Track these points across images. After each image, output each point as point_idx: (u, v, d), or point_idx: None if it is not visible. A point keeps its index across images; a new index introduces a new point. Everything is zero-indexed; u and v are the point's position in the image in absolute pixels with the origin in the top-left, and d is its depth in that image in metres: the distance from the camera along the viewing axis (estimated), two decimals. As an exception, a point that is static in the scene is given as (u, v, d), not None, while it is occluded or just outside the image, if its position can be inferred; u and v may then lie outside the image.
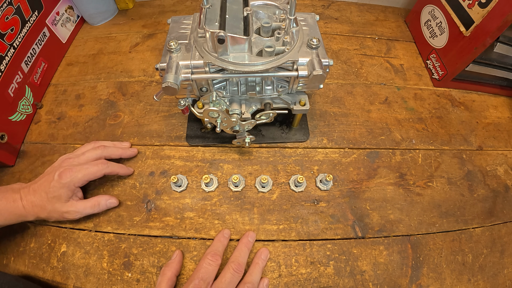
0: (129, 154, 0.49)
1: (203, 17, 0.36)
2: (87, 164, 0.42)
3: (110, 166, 0.44)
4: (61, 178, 0.40)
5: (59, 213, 0.40)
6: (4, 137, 0.47)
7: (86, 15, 0.70)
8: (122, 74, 0.61)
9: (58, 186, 0.39)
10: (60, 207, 0.40)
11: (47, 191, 0.39)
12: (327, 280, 0.40)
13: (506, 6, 0.45)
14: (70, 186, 0.40)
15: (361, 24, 0.72)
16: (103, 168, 0.43)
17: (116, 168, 0.45)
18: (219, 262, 0.37)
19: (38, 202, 0.39)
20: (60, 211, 0.40)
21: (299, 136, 0.52)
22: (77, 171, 0.41)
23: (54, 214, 0.40)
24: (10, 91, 0.50)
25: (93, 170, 0.42)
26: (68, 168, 0.40)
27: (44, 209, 0.39)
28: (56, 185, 0.39)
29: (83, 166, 0.41)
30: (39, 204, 0.39)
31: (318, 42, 0.39)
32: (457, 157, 0.52)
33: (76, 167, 0.41)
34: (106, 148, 0.45)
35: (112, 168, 0.44)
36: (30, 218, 0.39)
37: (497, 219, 0.46)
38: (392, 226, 0.44)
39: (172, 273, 0.37)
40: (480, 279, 0.41)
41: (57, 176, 0.40)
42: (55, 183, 0.39)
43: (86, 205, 0.42)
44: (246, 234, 0.42)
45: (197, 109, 0.42)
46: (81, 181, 0.41)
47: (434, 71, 0.61)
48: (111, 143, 0.49)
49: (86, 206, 0.41)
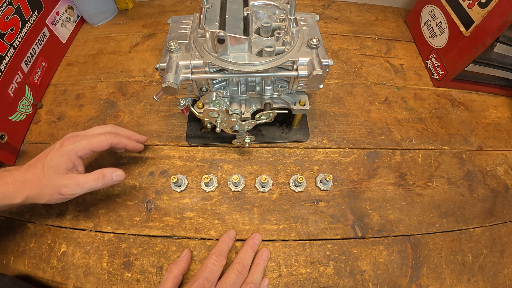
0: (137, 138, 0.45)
1: (203, 17, 0.36)
2: (93, 134, 0.39)
3: (117, 137, 0.40)
4: (63, 145, 0.36)
5: (55, 187, 0.35)
6: (4, 137, 0.47)
7: (86, 15, 0.70)
8: (122, 74, 0.61)
9: (58, 154, 0.35)
10: (57, 179, 0.35)
11: (44, 161, 0.35)
12: (327, 280, 0.40)
13: (506, 6, 0.45)
14: (71, 154, 0.36)
15: (361, 24, 0.72)
16: (110, 137, 0.39)
17: (124, 140, 0.41)
18: (223, 263, 0.37)
19: (31, 176, 0.34)
20: (57, 184, 0.35)
21: (299, 136, 0.52)
22: (81, 139, 0.37)
23: (48, 189, 0.35)
24: (10, 91, 0.50)
25: (98, 138, 0.38)
26: (73, 137, 0.37)
27: (37, 183, 0.34)
28: (56, 153, 0.35)
29: (88, 135, 0.38)
30: (31, 179, 0.34)
31: (318, 42, 0.39)
32: (457, 157, 0.52)
33: (81, 136, 0.38)
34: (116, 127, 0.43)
35: (120, 139, 0.40)
36: (18, 198, 0.34)
37: (497, 219, 0.46)
38: (392, 226, 0.44)
39: (179, 271, 0.37)
40: (480, 279, 0.41)
41: (58, 144, 0.36)
42: (54, 152, 0.35)
43: (88, 177, 0.37)
44: (252, 236, 0.41)
45: (197, 109, 0.42)
46: (84, 149, 0.37)
47: (434, 71, 0.61)
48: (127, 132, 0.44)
49: (88, 179, 0.36)
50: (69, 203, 0.45)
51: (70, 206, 0.45)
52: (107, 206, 0.45)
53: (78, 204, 0.45)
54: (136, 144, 0.43)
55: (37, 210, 0.45)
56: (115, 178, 0.38)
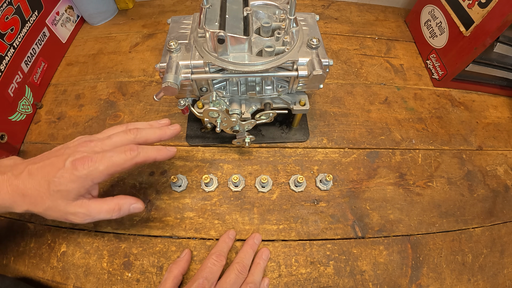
0: (169, 135, 0.36)
1: (203, 17, 0.36)
2: (112, 151, 0.31)
3: (142, 153, 0.32)
4: (76, 168, 0.29)
5: (61, 213, 0.30)
6: (4, 137, 0.47)
7: (86, 15, 0.70)
8: (122, 74, 0.61)
9: (69, 178, 0.29)
10: (65, 206, 0.30)
11: (50, 180, 0.29)
12: (327, 280, 0.40)
13: (506, 6, 0.45)
14: (86, 181, 0.30)
15: (361, 24, 0.72)
16: (132, 157, 0.31)
17: (152, 153, 0.33)
18: (223, 263, 0.37)
19: (32, 192, 0.29)
20: (63, 210, 0.30)
21: (299, 136, 0.52)
22: (98, 161, 0.30)
23: (53, 212, 0.30)
24: (10, 91, 0.50)
25: (119, 159, 0.31)
26: (87, 156, 0.30)
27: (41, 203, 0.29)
28: (66, 175, 0.29)
29: (106, 154, 0.31)
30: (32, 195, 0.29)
31: (318, 42, 0.39)
32: (457, 157, 0.52)
33: (97, 155, 0.30)
34: (139, 131, 0.34)
35: (146, 155, 0.32)
36: (18, 209, 0.30)
37: (497, 219, 0.46)
38: (392, 226, 0.44)
39: (179, 271, 0.37)
40: (480, 279, 0.41)
41: (70, 164, 0.29)
42: (64, 173, 0.29)
43: (102, 208, 0.32)
44: (252, 236, 0.41)
45: (197, 109, 0.42)
46: (102, 175, 0.30)
47: (434, 71, 0.61)
48: (147, 124, 0.37)
49: (101, 209, 0.31)
50: (69, 203, 0.45)
51: (70, 206, 0.45)
52: (107, 206, 0.45)
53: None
54: (167, 151, 0.35)
55: (37, 210, 0.45)
56: (133, 211, 0.34)
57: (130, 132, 0.34)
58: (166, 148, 0.35)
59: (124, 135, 0.34)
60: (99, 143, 0.32)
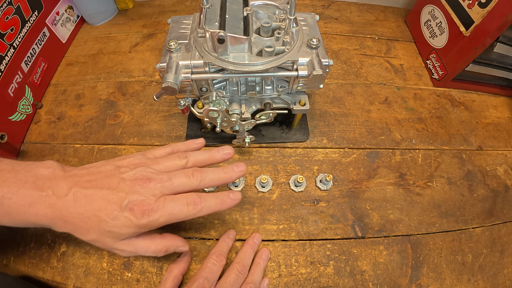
0: (235, 178, 0.33)
1: (203, 17, 0.36)
2: (174, 202, 0.29)
3: (205, 208, 0.30)
4: (135, 215, 0.26)
5: (106, 246, 0.29)
6: (4, 137, 0.47)
7: (86, 15, 0.70)
8: (122, 74, 0.61)
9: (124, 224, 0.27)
10: (112, 243, 0.28)
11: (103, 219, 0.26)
12: (327, 280, 0.40)
13: (506, 6, 0.45)
14: (143, 229, 0.28)
15: (361, 24, 0.72)
16: (195, 213, 0.29)
17: (215, 207, 0.31)
18: (223, 262, 0.37)
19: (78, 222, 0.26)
20: (110, 246, 0.29)
21: (299, 136, 0.52)
22: (159, 211, 0.28)
23: (97, 243, 0.29)
24: (10, 91, 0.50)
25: (181, 214, 0.29)
26: (148, 205, 0.27)
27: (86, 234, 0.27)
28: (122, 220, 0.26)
29: (167, 204, 0.28)
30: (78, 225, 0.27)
31: (318, 42, 0.39)
32: (457, 157, 0.52)
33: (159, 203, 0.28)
34: (204, 176, 0.31)
35: (208, 209, 0.30)
36: (57, 230, 0.29)
37: (497, 219, 0.46)
38: (392, 226, 0.44)
39: (179, 271, 0.37)
40: (480, 279, 0.41)
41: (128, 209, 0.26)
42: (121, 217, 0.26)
43: (149, 248, 0.30)
44: (252, 236, 0.41)
45: (197, 109, 0.42)
46: (160, 225, 0.29)
47: (434, 71, 0.61)
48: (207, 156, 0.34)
49: (148, 249, 0.30)
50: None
51: (70, 206, 0.45)
52: (107, 206, 0.45)
53: (78, 204, 0.45)
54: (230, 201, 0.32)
55: (37, 210, 0.45)
56: (178, 251, 0.33)
57: (194, 177, 0.30)
58: (230, 198, 0.32)
59: (187, 179, 0.30)
60: (158, 185, 0.29)
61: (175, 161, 0.31)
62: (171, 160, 0.31)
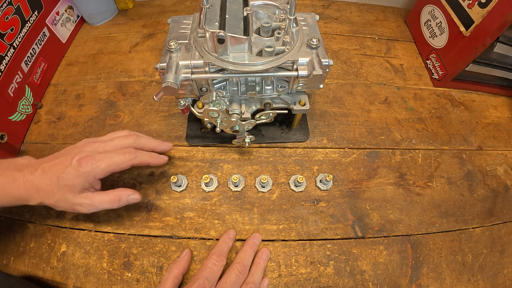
0: (163, 148, 0.42)
1: (203, 17, 0.36)
2: (113, 153, 0.36)
3: (139, 156, 0.37)
4: (80, 165, 0.34)
5: (69, 203, 0.35)
6: (4, 137, 0.47)
7: (86, 15, 0.70)
8: (122, 74, 0.61)
9: (75, 174, 0.34)
10: (72, 198, 0.35)
11: (59, 176, 0.34)
12: (327, 280, 0.40)
13: (506, 6, 0.45)
14: (89, 177, 0.35)
15: (361, 24, 0.72)
16: (131, 159, 0.36)
17: (147, 158, 0.38)
18: (224, 263, 0.37)
19: (45, 186, 0.34)
20: (71, 202, 0.35)
21: (299, 136, 0.52)
22: (100, 159, 0.35)
23: (63, 203, 0.35)
24: (10, 91, 0.50)
25: (118, 160, 0.36)
26: (90, 155, 0.35)
27: (52, 196, 0.34)
28: (72, 172, 0.34)
29: (107, 154, 0.36)
30: (45, 189, 0.34)
31: (318, 42, 0.39)
32: (457, 157, 0.52)
33: (100, 154, 0.35)
34: (139, 138, 0.40)
35: (142, 158, 0.38)
36: (33, 202, 0.34)
37: (497, 219, 0.46)
38: (392, 226, 0.44)
39: (179, 271, 0.37)
40: (480, 279, 0.41)
41: (76, 162, 0.34)
42: (71, 169, 0.34)
43: (104, 199, 0.36)
44: (252, 236, 0.41)
45: (197, 109, 0.42)
46: (103, 172, 0.35)
47: (434, 71, 0.61)
48: (151, 143, 0.42)
49: (103, 200, 0.36)
50: (69, 203, 0.45)
51: (70, 206, 0.45)
52: (107, 206, 0.45)
53: (78, 204, 0.45)
54: (159, 159, 0.41)
55: (37, 210, 0.45)
56: (131, 201, 0.38)
57: (131, 137, 0.39)
58: (159, 156, 0.41)
59: (124, 139, 0.38)
60: (102, 144, 0.37)
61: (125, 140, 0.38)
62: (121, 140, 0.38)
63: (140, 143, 0.39)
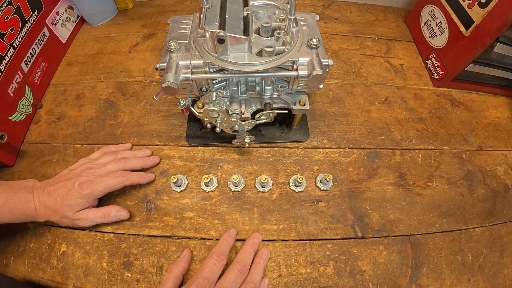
0: (150, 165, 0.48)
1: (203, 17, 0.36)
2: (108, 176, 0.42)
3: (130, 178, 0.43)
4: (82, 188, 0.40)
5: (70, 220, 0.40)
6: (4, 137, 0.47)
7: (86, 15, 0.70)
8: (122, 74, 0.61)
9: (77, 196, 0.40)
10: (72, 214, 0.40)
11: (64, 197, 0.39)
12: (327, 280, 0.40)
13: (506, 6, 0.45)
14: (89, 198, 0.41)
15: (361, 24, 0.72)
16: (123, 181, 0.43)
17: (136, 179, 0.45)
18: (224, 262, 0.37)
19: (52, 206, 0.39)
20: (71, 218, 0.40)
21: (299, 136, 0.52)
22: (97, 183, 0.41)
23: (64, 220, 0.40)
24: (10, 91, 0.50)
25: (113, 183, 0.42)
26: (89, 180, 0.41)
27: (57, 213, 0.39)
28: (75, 194, 0.39)
29: (103, 178, 0.41)
30: (52, 208, 0.39)
31: (318, 42, 0.39)
32: (457, 157, 0.52)
33: (97, 178, 0.41)
34: (127, 161, 0.45)
35: (132, 180, 0.44)
36: (40, 219, 0.39)
37: (497, 219, 0.46)
38: (392, 226, 0.44)
39: (179, 271, 0.37)
40: (480, 279, 0.41)
41: (78, 186, 0.40)
42: (74, 192, 0.39)
43: (97, 214, 0.42)
44: (252, 235, 0.41)
45: (197, 109, 0.42)
46: (101, 193, 0.41)
47: (434, 71, 0.61)
48: (132, 153, 0.48)
49: (96, 215, 0.41)
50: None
51: (70, 206, 0.45)
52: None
53: (78, 204, 0.45)
54: (147, 178, 0.46)
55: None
56: (119, 217, 0.43)
57: (120, 161, 0.45)
58: (147, 175, 0.46)
59: (115, 164, 0.44)
60: (97, 170, 0.43)
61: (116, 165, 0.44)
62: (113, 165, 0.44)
63: (129, 166, 0.45)
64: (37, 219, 0.39)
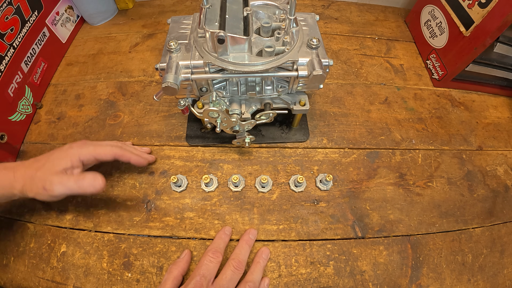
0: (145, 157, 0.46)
1: (203, 17, 0.36)
2: (100, 143, 0.42)
3: (123, 149, 0.42)
4: (71, 147, 0.39)
5: (42, 181, 0.36)
6: (4, 137, 0.47)
7: (86, 15, 0.70)
8: (122, 74, 0.61)
9: (62, 154, 0.38)
10: (48, 174, 0.36)
11: (49, 156, 0.38)
12: (327, 280, 0.40)
13: (506, 6, 0.45)
14: (74, 156, 0.38)
15: (361, 24, 0.72)
16: (115, 149, 0.41)
17: (129, 154, 0.43)
18: (220, 259, 0.37)
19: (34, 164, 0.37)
20: (45, 179, 0.36)
21: (299, 136, 0.52)
22: (88, 145, 0.40)
23: (37, 181, 0.36)
24: (10, 91, 0.50)
25: (104, 148, 0.40)
26: (81, 143, 0.40)
27: (33, 177, 0.36)
28: (61, 152, 0.38)
29: (94, 143, 0.41)
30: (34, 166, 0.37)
31: (318, 42, 0.39)
32: (457, 157, 0.52)
33: (89, 143, 0.41)
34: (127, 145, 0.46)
35: (125, 152, 0.42)
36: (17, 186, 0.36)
37: (497, 219, 0.46)
38: (392, 226, 0.44)
39: (179, 272, 0.37)
40: (480, 279, 0.41)
41: (67, 145, 0.39)
42: (61, 151, 0.38)
43: (70, 178, 0.37)
44: (247, 231, 0.42)
45: (197, 109, 0.42)
46: (89, 154, 0.39)
47: (434, 71, 0.61)
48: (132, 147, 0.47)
49: (70, 179, 0.37)
50: (69, 203, 0.45)
51: (70, 206, 0.45)
52: (107, 206, 0.45)
53: (78, 204, 0.45)
54: (140, 158, 0.44)
55: (37, 210, 0.45)
56: (93, 184, 0.37)
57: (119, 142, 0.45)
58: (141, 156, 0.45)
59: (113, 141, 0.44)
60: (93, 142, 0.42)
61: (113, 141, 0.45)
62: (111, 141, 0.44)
63: (124, 145, 0.45)
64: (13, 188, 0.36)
